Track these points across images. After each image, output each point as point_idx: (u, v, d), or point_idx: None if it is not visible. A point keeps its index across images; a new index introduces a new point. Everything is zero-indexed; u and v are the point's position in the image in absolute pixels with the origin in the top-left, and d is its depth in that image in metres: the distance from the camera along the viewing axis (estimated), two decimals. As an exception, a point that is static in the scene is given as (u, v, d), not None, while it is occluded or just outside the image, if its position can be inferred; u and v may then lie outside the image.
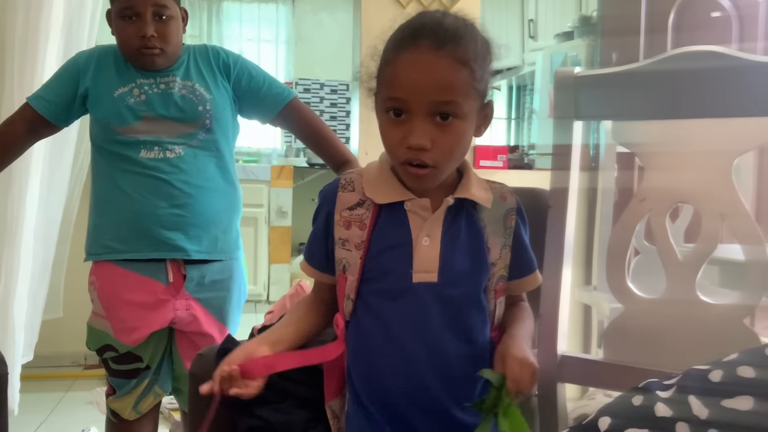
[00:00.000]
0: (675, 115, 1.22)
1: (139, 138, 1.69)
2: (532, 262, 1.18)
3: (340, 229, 1.08)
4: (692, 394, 0.81)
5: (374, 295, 1.06)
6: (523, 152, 3.75)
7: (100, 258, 1.75)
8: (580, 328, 2.95)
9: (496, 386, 0.99)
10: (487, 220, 1.10)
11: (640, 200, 1.25)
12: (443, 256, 1.05)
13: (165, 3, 1.65)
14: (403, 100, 0.99)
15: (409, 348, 1.04)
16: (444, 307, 1.05)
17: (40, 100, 1.74)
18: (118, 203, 1.71)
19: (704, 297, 1.20)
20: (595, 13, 3.38)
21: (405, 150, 1.00)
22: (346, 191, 1.09)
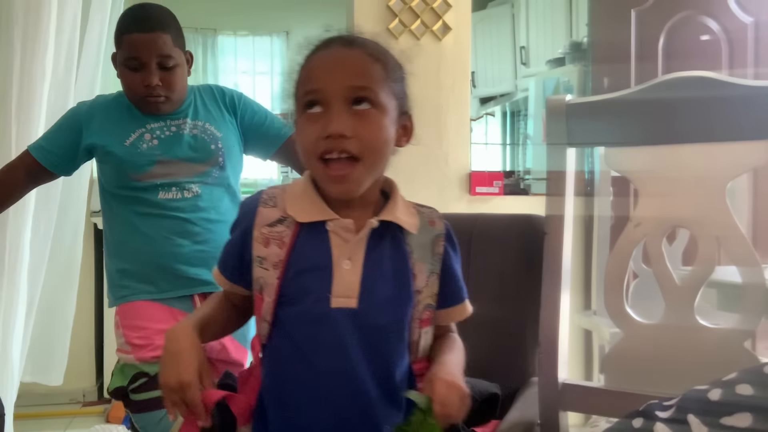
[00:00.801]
0: (667, 141, 1.23)
1: (156, 182, 1.69)
2: (462, 291, 1.12)
3: (259, 246, 1.02)
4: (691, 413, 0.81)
5: (291, 319, 0.99)
6: (518, 177, 3.76)
7: (127, 300, 1.73)
8: (582, 353, 2.93)
9: (422, 408, 0.93)
10: (413, 246, 1.04)
11: (636, 225, 1.25)
12: (364, 281, 0.99)
13: (169, 53, 1.66)
14: (318, 90, 0.97)
15: (326, 376, 0.97)
16: (363, 335, 0.98)
17: (41, 149, 1.75)
18: (140, 246, 1.72)
19: (703, 321, 1.20)
20: (585, 39, 3.42)
21: (323, 141, 0.96)
22: (267, 207, 1.04)
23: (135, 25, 1.66)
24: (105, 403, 3.37)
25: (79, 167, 1.82)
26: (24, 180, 1.76)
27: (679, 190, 1.22)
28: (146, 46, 1.64)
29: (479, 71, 5.00)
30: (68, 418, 3.25)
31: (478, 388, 1.50)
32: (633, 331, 1.24)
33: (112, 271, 1.79)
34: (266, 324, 1.01)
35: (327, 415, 0.98)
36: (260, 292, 1.02)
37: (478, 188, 2.89)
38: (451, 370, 1.01)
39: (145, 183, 1.69)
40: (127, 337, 1.71)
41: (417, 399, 0.94)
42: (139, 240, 1.72)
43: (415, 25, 2.77)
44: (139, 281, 1.73)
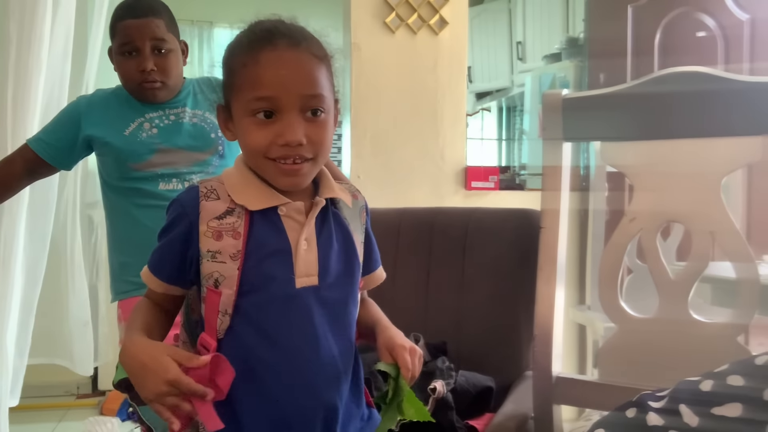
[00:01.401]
0: (663, 136, 1.23)
1: (156, 171, 1.69)
2: (378, 256, 1.17)
3: (209, 240, 1.00)
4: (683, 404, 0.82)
5: (255, 307, 1.00)
6: (514, 172, 3.76)
7: (129, 295, 1.73)
8: (575, 348, 2.95)
9: (393, 377, 1.01)
10: (348, 219, 1.09)
11: (631, 220, 1.26)
12: (321, 258, 1.03)
13: (163, 36, 1.67)
14: (274, 98, 0.97)
15: (296, 354, 1.00)
16: (326, 309, 1.02)
17: (40, 142, 1.75)
18: (141, 239, 1.69)
19: (697, 316, 1.20)
20: (582, 35, 3.42)
21: (279, 148, 0.98)
22: (210, 200, 1.02)
23: (127, 11, 1.67)
24: (99, 395, 3.37)
25: (78, 161, 1.82)
26: (22, 173, 1.76)
27: (674, 185, 1.23)
28: (139, 31, 1.65)
29: (476, 66, 5.00)
30: (63, 410, 3.25)
31: (472, 381, 1.51)
32: (627, 326, 1.24)
33: (114, 264, 1.79)
34: (227, 317, 1.01)
35: (302, 392, 1.00)
36: (215, 287, 1.01)
37: (473, 183, 2.89)
38: (401, 335, 1.07)
39: (146, 173, 1.69)
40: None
41: (387, 369, 1.02)
42: (139, 232, 1.70)
43: (412, 19, 2.76)
44: (137, 276, 1.71)
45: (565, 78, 3.50)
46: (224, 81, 1.05)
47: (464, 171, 2.88)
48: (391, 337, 1.06)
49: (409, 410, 1.01)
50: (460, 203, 2.85)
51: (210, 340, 1.02)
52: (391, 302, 1.16)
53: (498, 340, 1.66)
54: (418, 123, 2.82)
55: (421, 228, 1.82)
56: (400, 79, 2.78)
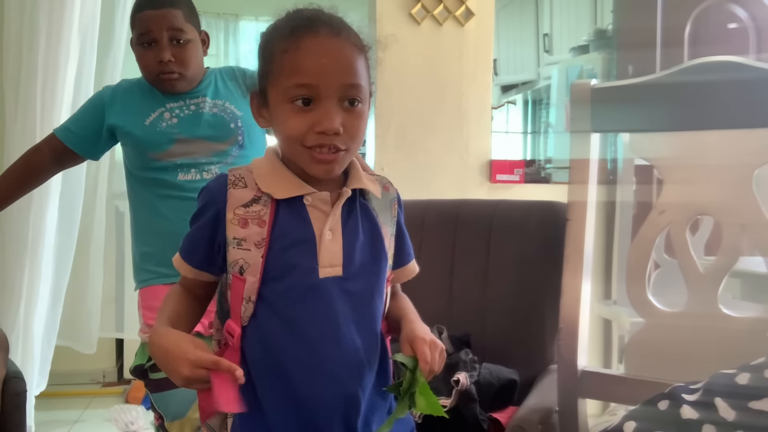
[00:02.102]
0: (694, 127, 1.21)
1: (176, 161, 1.70)
2: (411, 250, 1.16)
3: (235, 228, 1.01)
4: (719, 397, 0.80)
5: (278, 295, 1.01)
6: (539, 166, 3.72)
7: (148, 284, 1.75)
8: (600, 342, 2.92)
9: (409, 369, 1.00)
10: (377, 210, 1.09)
11: (660, 213, 1.24)
12: (345, 248, 1.03)
13: (181, 26, 1.67)
14: (313, 86, 0.97)
15: (319, 344, 1.00)
16: (349, 299, 1.02)
17: (67, 131, 1.77)
18: (160, 228, 1.72)
19: (727, 310, 1.18)
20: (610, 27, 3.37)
21: (315, 135, 0.98)
22: (238, 188, 1.03)
23: (146, 2, 1.68)
24: (125, 384, 3.40)
25: (105, 151, 1.84)
26: (49, 161, 1.78)
27: (704, 178, 1.21)
28: (157, 21, 1.65)
29: (501, 59, 4.96)
30: (88, 398, 3.29)
31: (496, 374, 1.50)
32: (655, 320, 1.22)
33: (135, 254, 1.81)
34: (250, 304, 1.02)
35: (323, 381, 1.00)
36: (240, 274, 1.02)
37: (498, 176, 2.87)
38: (425, 328, 1.06)
39: (165, 162, 1.70)
40: (145, 318, 1.73)
41: (405, 360, 1.01)
42: (159, 222, 1.72)
43: (438, 10, 2.75)
44: (159, 265, 1.73)
45: (592, 70, 3.45)
46: (261, 67, 1.05)
47: (489, 164, 2.86)
48: (413, 329, 1.05)
49: (421, 402, 1.00)
50: (485, 195, 2.83)
51: (235, 327, 1.03)
52: (414, 294, 1.15)
53: (522, 333, 1.65)
54: (443, 115, 2.80)
55: (445, 220, 1.81)
56: (425, 71, 2.77)
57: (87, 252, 2.78)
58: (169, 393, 1.66)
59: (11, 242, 2.29)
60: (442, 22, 2.76)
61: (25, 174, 1.79)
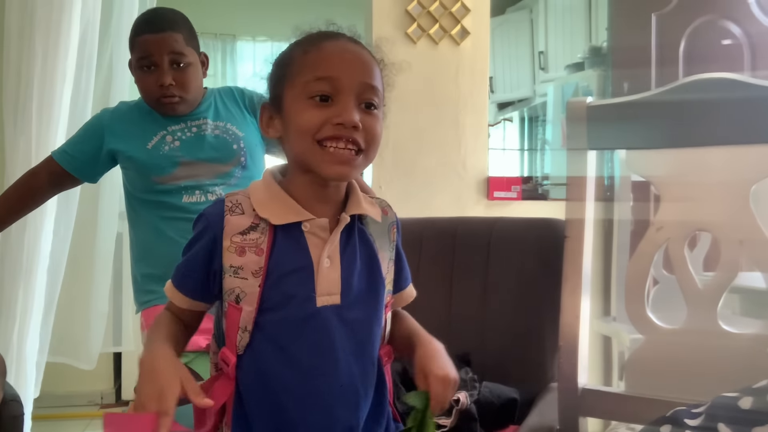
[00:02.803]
0: (690, 144, 1.22)
1: (180, 184, 1.70)
2: (409, 274, 1.15)
3: (232, 256, 0.99)
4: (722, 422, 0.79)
5: (275, 325, 0.99)
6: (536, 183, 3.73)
7: (152, 304, 1.74)
8: (600, 360, 2.91)
9: (420, 409, 0.99)
10: (375, 235, 1.07)
11: (658, 229, 1.24)
12: (344, 276, 1.01)
13: (181, 50, 1.67)
14: (334, 79, 0.96)
15: (314, 374, 0.99)
16: (347, 328, 1.01)
17: (65, 154, 1.77)
18: (165, 250, 1.70)
19: (726, 326, 1.18)
20: (605, 44, 3.40)
21: (332, 127, 0.96)
22: (235, 214, 1.01)
23: (146, 25, 1.68)
24: (123, 405, 3.38)
25: (103, 174, 1.83)
26: (47, 184, 1.78)
27: (701, 194, 1.21)
28: (157, 45, 1.65)
29: (497, 76, 4.99)
30: (86, 420, 3.26)
31: (496, 393, 1.49)
32: (655, 337, 1.22)
33: (137, 275, 1.80)
34: (246, 333, 1.00)
35: (318, 412, 0.99)
36: (236, 302, 1.00)
37: (496, 193, 2.87)
38: (441, 360, 1.03)
39: (169, 186, 1.70)
40: None
41: (416, 402, 0.99)
42: (163, 244, 1.71)
43: (434, 29, 2.76)
44: (162, 285, 1.73)
45: (588, 87, 3.48)
46: (275, 75, 1.04)
47: (486, 181, 2.87)
48: (429, 358, 1.02)
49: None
50: (482, 213, 2.83)
51: (230, 355, 1.02)
52: (414, 313, 1.15)
53: (522, 351, 1.65)
54: (440, 133, 2.81)
55: (443, 238, 1.81)
56: (421, 90, 2.78)
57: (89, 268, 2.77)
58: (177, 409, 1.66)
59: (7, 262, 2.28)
60: (438, 41, 2.78)
61: (22, 196, 1.79)
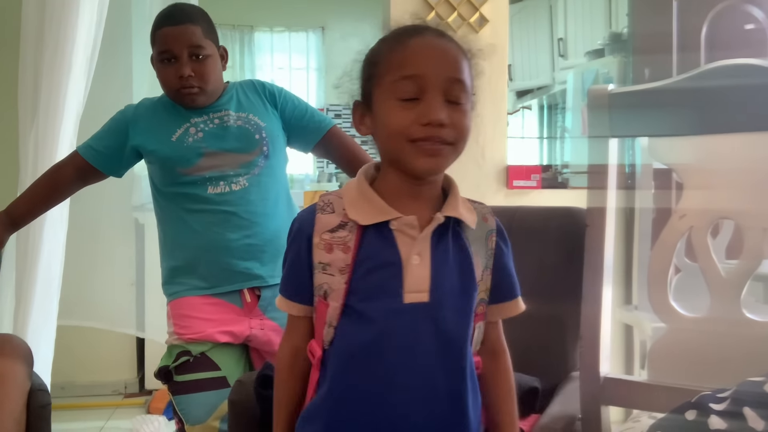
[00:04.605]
0: (713, 131, 1.20)
1: (204, 175, 1.73)
2: (515, 288, 1.13)
3: (321, 252, 1.02)
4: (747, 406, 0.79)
5: (359, 320, 1.00)
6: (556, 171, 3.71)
7: (179, 296, 1.78)
8: (622, 348, 2.89)
9: None
10: (471, 240, 1.06)
11: (680, 217, 1.23)
12: (434, 274, 1.00)
13: (200, 43, 1.69)
14: (419, 77, 0.97)
15: (399, 371, 0.99)
16: (435, 327, 1.00)
17: (90, 149, 1.80)
18: (190, 242, 1.76)
19: (750, 314, 1.17)
20: (625, 30, 3.36)
21: (421, 128, 0.97)
22: (326, 213, 1.03)
23: (166, 19, 1.71)
24: (146, 394, 3.42)
25: (128, 168, 1.86)
26: (72, 178, 1.81)
27: (725, 181, 1.20)
28: (176, 38, 1.68)
29: (516, 64, 4.95)
30: (110, 409, 3.31)
31: (518, 382, 1.48)
32: (678, 325, 1.22)
33: (165, 269, 1.83)
34: (331, 329, 1.02)
35: (398, 409, 1.00)
36: (324, 298, 1.02)
37: (515, 182, 2.86)
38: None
39: (194, 177, 1.72)
40: (175, 327, 1.76)
41: None
42: (189, 236, 1.75)
43: (452, 17, 2.75)
44: (190, 277, 1.77)
45: (608, 74, 3.44)
46: (364, 73, 1.05)
47: (505, 170, 2.86)
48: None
49: None
50: (502, 202, 2.82)
51: (317, 348, 1.04)
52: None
53: (543, 340, 1.64)
54: (459, 122, 2.80)
55: (463, 227, 1.80)
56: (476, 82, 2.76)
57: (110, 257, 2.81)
58: (192, 396, 1.69)
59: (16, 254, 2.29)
60: (457, 29, 2.76)
61: (48, 191, 1.83)
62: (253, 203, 1.74)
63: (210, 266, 1.74)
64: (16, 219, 1.78)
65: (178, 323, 1.76)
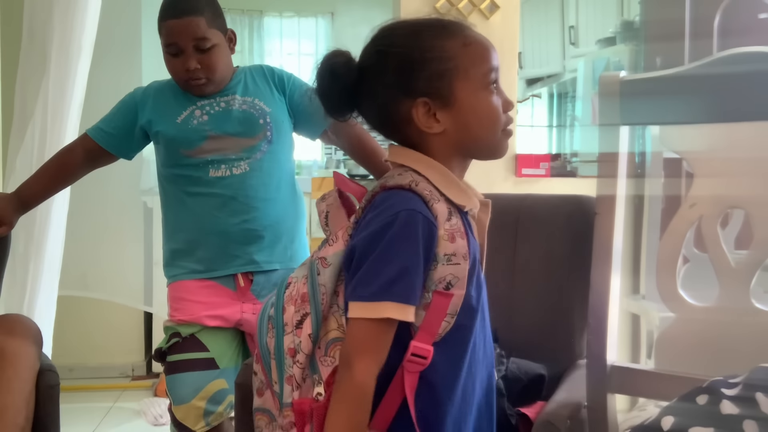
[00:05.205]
0: (725, 119, 1.19)
1: (207, 158, 1.73)
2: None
3: (446, 243, 0.99)
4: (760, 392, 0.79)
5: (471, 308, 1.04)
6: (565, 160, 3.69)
7: (177, 279, 1.80)
8: (629, 337, 2.89)
9: None
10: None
11: (690, 206, 1.22)
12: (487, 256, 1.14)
13: (205, 35, 1.67)
14: (496, 69, 1.07)
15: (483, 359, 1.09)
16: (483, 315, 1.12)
17: (99, 131, 1.81)
18: (189, 225, 1.77)
19: (759, 305, 1.17)
20: (637, 18, 3.33)
21: (505, 116, 1.07)
22: (437, 202, 1.01)
23: (169, 11, 1.69)
24: (153, 377, 3.45)
25: (138, 150, 1.87)
26: (82, 161, 1.82)
27: (736, 170, 1.19)
28: (180, 31, 1.66)
29: (526, 52, 4.92)
30: (118, 392, 3.33)
31: (524, 369, 1.49)
32: (686, 314, 1.21)
33: (166, 251, 1.85)
34: (452, 318, 1.01)
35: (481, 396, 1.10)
36: (447, 289, 1.00)
37: (524, 170, 2.85)
38: None
39: (197, 159, 1.73)
40: (170, 309, 1.80)
41: None
42: (188, 218, 1.77)
43: (462, 3, 2.73)
44: (188, 260, 1.78)
45: (619, 62, 3.41)
46: (432, 69, 1.02)
47: (514, 158, 2.85)
48: None
49: None
50: (511, 190, 2.82)
51: (428, 347, 0.99)
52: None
53: (550, 327, 1.64)
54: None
55: (471, 214, 1.80)
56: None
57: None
58: (178, 376, 1.73)
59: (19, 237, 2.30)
60: (467, 15, 2.74)
61: (58, 173, 1.83)
62: (254, 188, 1.74)
63: (207, 249, 1.75)
64: (25, 200, 1.79)
65: (173, 305, 1.79)
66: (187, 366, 1.73)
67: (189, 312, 1.75)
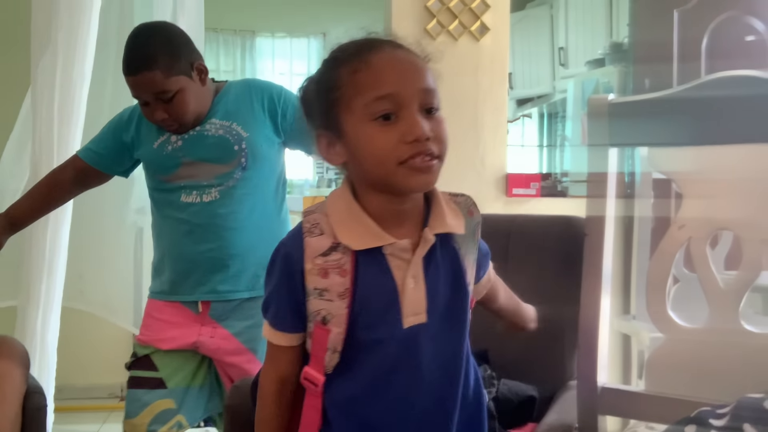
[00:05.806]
0: (713, 141, 1.20)
1: (180, 183, 1.73)
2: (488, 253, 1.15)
3: (315, 278, 0.98)
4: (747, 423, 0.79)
5: (364, 345, 0.99)
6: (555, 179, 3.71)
7: (150, 297, 1.85)
8: (619, 358, 2.89)
9: None
10: (460, 243, 1.05)
11: (679, 227, 1.23)
12: (429, 294, 1.00)
13: (162, 87, 1.63)
14: (394, 95, 0.93)
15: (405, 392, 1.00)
16: (435, 344, 1.01)
17: (89, 152, 1.83)
18: (164, 248, 1.81)
19: (748, 326, 1.17)
20: (626, 40, 3.37)
21: (407, 146, 0.92)
22: (314, 236, 0.98)
23: (126, 66, 1.65)
24: (142, 398, 3.41)
25: (131, 168, 1.88)
26: (73, 180, 1.84)
27: (724, 192, 1.20)
28: (139, 86, 1.65)
29: (517, 72, 4.96)
30: (106, 413, 3.30)
31: (515, 390, 1.49)
32: (676, 336, 1.21)
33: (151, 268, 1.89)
34: (336, 354, 1.00)
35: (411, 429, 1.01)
36: (323, 324, 0.99)
37: (514, 190, 2.86)
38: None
39: (172, 185, 1.74)
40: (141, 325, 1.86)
41: None
42: (162, 239, 1.81)
43: (453, 25, 2.75)
44: (159, 280, 1.83)
45: (608, 83, 3.45)
46: (324, 101, 0.98)
47: (505, 178, 2.86)
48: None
49: None
50: (501, 210, 2.82)
51: (317, 375, 1.01)
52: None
53: (541, 349, 1.64)
54: (459, 129, 2.79)
55: (462, 235, 1.80)
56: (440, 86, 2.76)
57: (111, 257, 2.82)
58: (130, 391, 1.79)
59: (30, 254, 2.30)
60: (458, 37, 2.76)
61: (49, 193, 1.86)
62: (221, 217, 1.72)
63: (174, 273, 1.78)
64: (15, 221, 1.80)
65: (143, 322, 1.85)
66: (137, 383, 1.79)
67: (148, 333, 1.80)
